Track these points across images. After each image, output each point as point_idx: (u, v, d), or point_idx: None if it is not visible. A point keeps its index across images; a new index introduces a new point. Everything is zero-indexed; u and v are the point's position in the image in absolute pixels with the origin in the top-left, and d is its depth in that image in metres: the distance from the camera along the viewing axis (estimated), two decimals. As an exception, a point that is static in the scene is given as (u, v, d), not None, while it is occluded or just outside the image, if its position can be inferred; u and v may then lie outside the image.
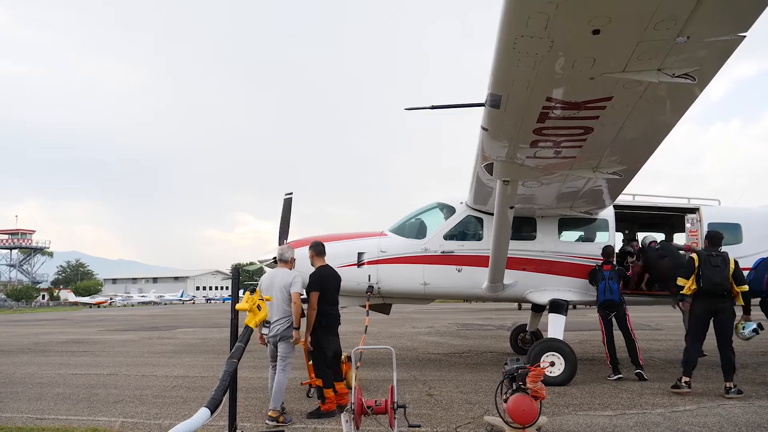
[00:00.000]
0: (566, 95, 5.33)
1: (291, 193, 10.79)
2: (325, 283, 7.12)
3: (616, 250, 10.33)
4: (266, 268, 9.79)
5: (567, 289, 9.78)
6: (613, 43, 4.41)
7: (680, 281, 8.13)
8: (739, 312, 8.15)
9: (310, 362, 8.56)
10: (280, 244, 9.89)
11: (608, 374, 9.23)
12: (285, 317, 6.81)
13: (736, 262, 7.88)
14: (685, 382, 7.91)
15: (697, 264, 7.94)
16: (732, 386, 7.65)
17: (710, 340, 8.11)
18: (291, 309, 6.79)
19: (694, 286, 7.97)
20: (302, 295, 7.05)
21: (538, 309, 11.89)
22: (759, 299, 8.90)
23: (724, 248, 8.22)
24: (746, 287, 7.87)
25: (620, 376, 8.99)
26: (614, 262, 9.54)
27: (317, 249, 7.39)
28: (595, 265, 9.63)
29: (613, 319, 9.34)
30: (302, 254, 10.20)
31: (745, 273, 8.82)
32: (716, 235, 8.29)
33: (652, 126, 6.14)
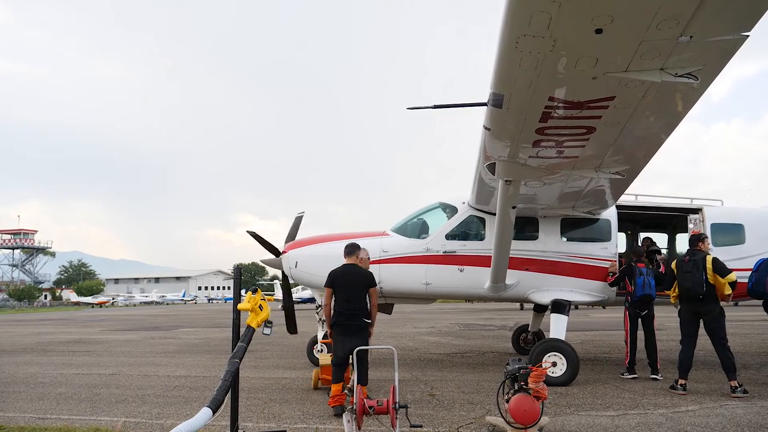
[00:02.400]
0: (568, 95, 5.33)
1: (303, 212, 11.60)
2: (337, 280, 7.09)
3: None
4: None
5: (569, 289, 9.75)
6: (616, 43, 4.40)
7: (668, 292, 8.43)
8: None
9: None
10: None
11: (622, 371, 9.25)
12: None
13: (714, 260, 7.86)
14: (681, 385, 7.93)
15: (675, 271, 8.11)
16: (737, 385, 7.62)
17: (708, 344, 8.16)
18: None
19: (675, 293, 8.21)
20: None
21: (540, 309, 11.88)
22: (762, 300, 8.87)
23: (726, 249, 8.19)
24: (733, 276, 7.71)
25: (636, 376, 8.97)
26: (646, 262, 9.47)
27: (346, 249, 7.47)
28: (625, 263, 9.61)
29: (639, 320, 9.20)
30: (300, 254, 10.33)
31: (747, 274, 8.80)
32: (690, 238, 8.45)
33: (654, 125, 6.12)
